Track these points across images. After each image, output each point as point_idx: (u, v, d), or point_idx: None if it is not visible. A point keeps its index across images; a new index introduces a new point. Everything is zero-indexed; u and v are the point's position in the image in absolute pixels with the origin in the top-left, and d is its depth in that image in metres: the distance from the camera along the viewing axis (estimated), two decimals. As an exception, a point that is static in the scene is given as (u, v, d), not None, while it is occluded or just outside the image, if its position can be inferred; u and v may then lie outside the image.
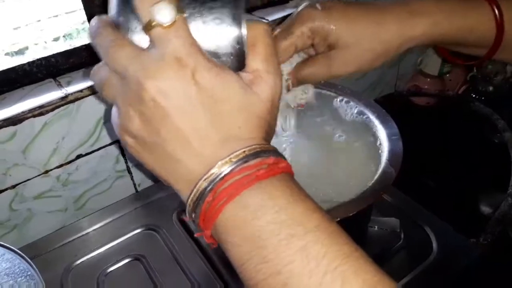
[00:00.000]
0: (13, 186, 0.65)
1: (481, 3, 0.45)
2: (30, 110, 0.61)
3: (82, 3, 0.66)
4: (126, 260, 0.67)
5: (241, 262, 0.28)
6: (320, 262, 0.25)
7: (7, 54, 0.65)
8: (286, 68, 0.48)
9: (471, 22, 0.46)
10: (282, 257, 0.26)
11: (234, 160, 0.28)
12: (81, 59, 0.69)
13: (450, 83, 1.10)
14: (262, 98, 0.30)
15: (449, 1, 0.46)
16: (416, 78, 1.09)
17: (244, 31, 0.29)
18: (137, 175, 0.78)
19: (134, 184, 0.78)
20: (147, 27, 0.28)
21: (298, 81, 0.48)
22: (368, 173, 0.53)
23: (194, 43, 0.28)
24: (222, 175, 0.28)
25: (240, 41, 0.29)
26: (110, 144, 0.71)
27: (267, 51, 0.31)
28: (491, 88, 1.06)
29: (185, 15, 0.28)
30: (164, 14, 0.27)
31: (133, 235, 0.70)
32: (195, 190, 0.28)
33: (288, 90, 0.49)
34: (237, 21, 0.29)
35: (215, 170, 0.28)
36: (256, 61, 0.30)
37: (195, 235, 0.36)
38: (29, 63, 0.65)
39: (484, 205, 0.76)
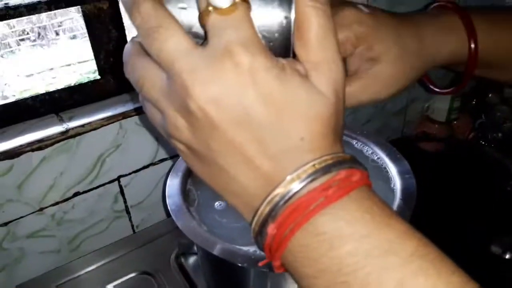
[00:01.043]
0: (5, 224, 0.62)
1: None
2: (29, 144, 0.60)
3: (93, 53, 0.67)
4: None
5: None
6: None
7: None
8: None
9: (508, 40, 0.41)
10: None
11: (303, 176, 0.23)
12: (85, 95, 0.68)
13: (458, 129, 1.09)
14: (324, 95, 0.24)
15: (487, 14, 0.41)
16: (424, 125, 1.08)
17: (293, 12, 0.24)
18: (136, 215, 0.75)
19: (132, 226, 0.76)
20: (203, 15, 0.23)
21: None
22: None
23: (254, 38, 0.23)
24: (288, 196, 0.23)
25: (288, 24, 0.25)
26: (109, 182, 0.69)
27: (320, 34, 0.24)
28: (500, 135, 1.04)
29: None
30: None
31: (128, 279, 0.67)
32: (256, 217, 0.24)
33: None
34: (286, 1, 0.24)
35: (280, 190, 0.23)
36: (307, 48, 0.25)
37: (259, 264, 0.30)
38: (32, 98, 0.65)
39: (495, 246, 0.72)
